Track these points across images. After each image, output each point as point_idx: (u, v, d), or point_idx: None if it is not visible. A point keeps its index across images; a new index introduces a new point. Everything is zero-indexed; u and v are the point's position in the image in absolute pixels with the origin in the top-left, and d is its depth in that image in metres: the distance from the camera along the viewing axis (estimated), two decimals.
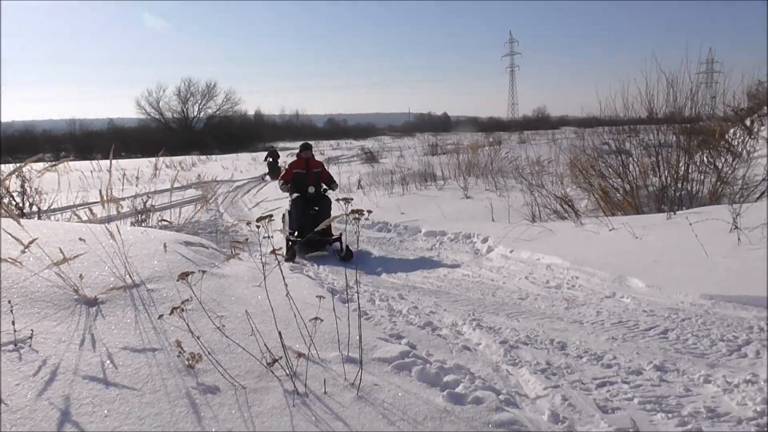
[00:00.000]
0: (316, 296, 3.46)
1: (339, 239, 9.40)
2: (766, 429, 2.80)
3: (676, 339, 4.21)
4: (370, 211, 3.09)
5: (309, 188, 9.92)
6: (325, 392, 2.87)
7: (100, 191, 5.70)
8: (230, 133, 68.60)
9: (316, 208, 9.80)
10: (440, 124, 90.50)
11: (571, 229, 8.99)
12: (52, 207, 9.32)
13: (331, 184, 10.16)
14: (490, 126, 66.17)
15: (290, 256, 8.86)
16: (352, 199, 3.32)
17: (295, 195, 9.95)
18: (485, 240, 9.13)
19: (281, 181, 10.29)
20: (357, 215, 3.07)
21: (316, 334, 3.60)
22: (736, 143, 11.66)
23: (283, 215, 10.47)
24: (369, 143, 51.63)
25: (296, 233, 9.49)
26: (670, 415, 2.94)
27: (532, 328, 4.58)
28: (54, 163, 5.78)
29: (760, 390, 3.13)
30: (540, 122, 78.26)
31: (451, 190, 16.12)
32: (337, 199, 3.52)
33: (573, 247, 7.59)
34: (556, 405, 3.05)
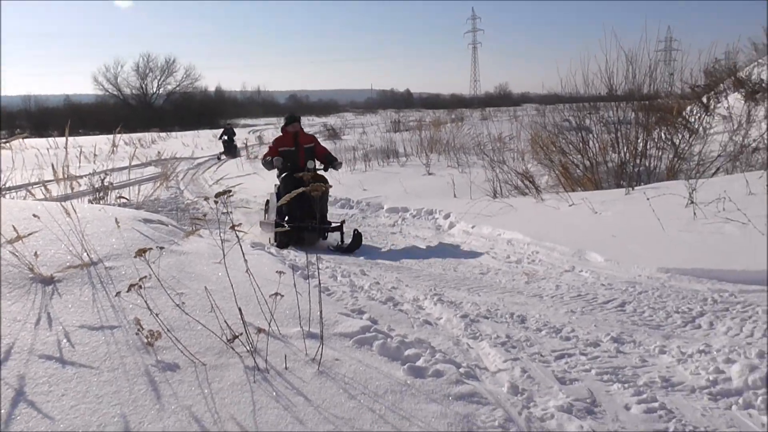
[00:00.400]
0: (276, 272, 3.44)
1: (340, 228, 8.11)
2: (718, 398, 2.87)
3: (633, 311, 4.29)
4: (330, 186, 3.08)
5: (308, 163, 8.35)
6: (286, 368, 2.86)
7: (53, 167, 5.57)
8: (191, 109, 67.57)
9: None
10: (403, 101, 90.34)
11: (532, 205, 9.08)
12: (6, 185, 9.11)
13: (333, 162, 8.65)
14: (453, 103, 66.30)
15: (282, 243, 7.66)
16: (309, 173, 3.30)
17: (284, 175, 8.40)
18: (447, 216, 9.18)
19: (265, 159, 8.66)
20: (320, 188, 3.06)
21: (277, 310, 3.57)
22: (692, 120, 11.85)
23: (267, 201, 9.40)
24: (331, 120, 51.30)
25: (286, 219, 8.06)
26: (626, 386, 3.00)
27: (492, 302, 4.62)
28: (8, 140, 5.64)
29: (712, 360, 3.21)
30: (502, 99, 78.46)
31: (413, 167, 16.14)
32: (296, 174, 3.49)
33: (533, 223, 7.66)
34: (516, 377, 3.09)
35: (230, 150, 26.46)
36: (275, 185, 8.94)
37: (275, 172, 8.72)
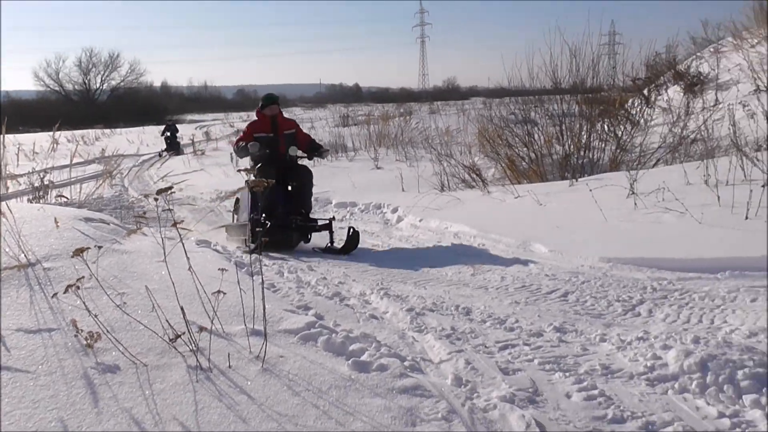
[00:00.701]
0: (218, 269, 3.41)
1: (329, 226, 7.22)
2: (655, 383, 2.94)
3: (576, 301, 4.38)
4: (271, 181, 3.05)
5: (290, 149, 7.40)
6: (229, 366, 2.84)
7: None
8: (136, 105, 66.35)
9: (294, 184, 7.46)
10: (352, 95, 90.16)
11: (479, 198, 9.18)
12: None
13: (319, 149, 7.77)
14: (402, 97, 66.40)
15: (259, 245, 6.66)
16: (250, 170, 3.27)
17: (261, 165, 7.34)
18: (395, 210, 9.22)
19: (238, 145, 7.57)
20: (258, 186, 3.04)
21: (222, 308, 3.54)
22: (634, 112, 12.13)
23: (237, 199, 8.44)
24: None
25: (263, 217, 6.95)
26: (567, 374, 3.06)
27: (438, 295, 4.66)
28: None
29: (650, 346, 3.29)
30: (450, 93, 78.83)
31: (361, 161, 16.17)
32: (238, 170, 3.44)
33: (480, 215, 7.75)
34: (460, 369, 3.12)
35: (173, 146, 26.03)
36: (246, 181, 7.84)
37: (248, 162, 7.62)
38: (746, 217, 5.43)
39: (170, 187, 3.04)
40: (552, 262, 5.55)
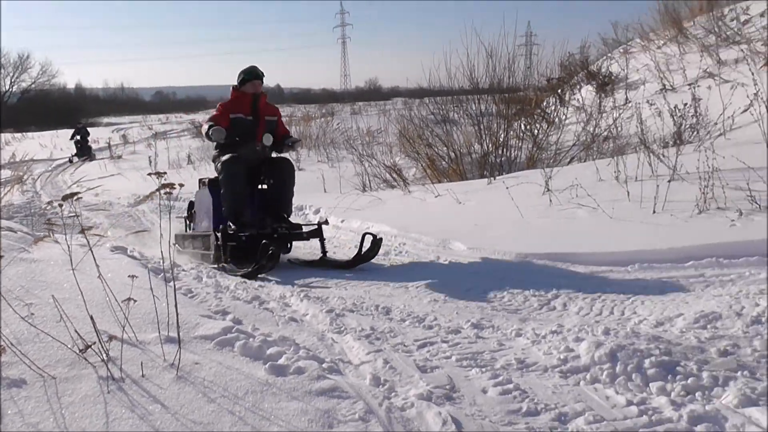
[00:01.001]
0: (129, 276, 3.31)
1: (319, 232, 6.20)
2: (568, 375, 3.02)
3: (494, 297, 4.45)
4: (181, 185, 3.00)
5: (265, 137, 6.18)
6: (142, 375, 2.77)
7: None
8: (48, 108, 63.87)
9: (270, 181, 6.29)
10: (273, 96, 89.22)
11: (400, 197, 9.25)
12: None
13: (296, 144, 6.59)
14: (324, 97, 66.20)
15: (228, 260, 5.73)
16: (165, 172, 3.20)
17: (227, 156, 5.99)
18: (317, 211, 9.18)
19: (209, 125, 5.96)
20: (167, 190, 2.98)
21: (136, 316, 3.46)
22: (550, 111, 12.45)
23: (191, 203, 7.12)
24: (200, 116, 50.00)
25: (234, 223, 5.94)
26: (483, 370, 3.10)
27: (359, 295, 4.66)
28: None
29: (563, 339, 3.37)
30: (372, 93, 79.09)
31: None
32: (149, 173, 3.33)
33: (401, 215, 7.81)
34: (378, 369, 3.13)
35: (84, 151, 25.17)
36: (201, 181, 6.70)
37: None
38: (654, 211, 5.64)
39: (76, 193, 2.94)
40: (470, 259, 5.62)
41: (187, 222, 7.15)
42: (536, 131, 11.24)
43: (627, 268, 4.80)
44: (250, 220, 5.97)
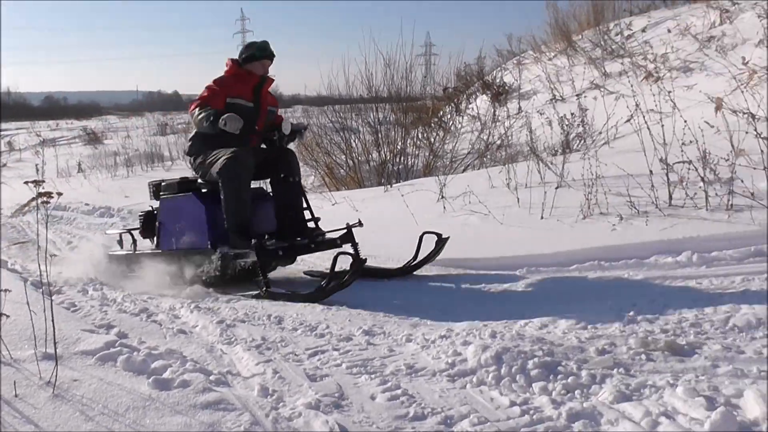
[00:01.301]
0: (3, 290, 3.15)
1: (350, 236, 5.27)
2: (456, 378, 3.07)
3: (386, 304, 4.47)
4: (60, 193, 2.88)
5: (283, 125, 5.31)
6: (15, 395, 2.64)
7: None
8: None
9: (282, 175, 5.26)
10: (171, 103, 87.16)
11: None
12: None
13: (305, 130, 5.83)
14: None
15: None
16: (43, 180, 3.06)
17: (228, 154, 4.83)
18: None
19: (201, 112, 4.85)
20: (44, 199, 2.85)
21: (11, 332, 3.32)
22: (446, 120, 12.68)
23: (147, 214, 5.80)
24: (93, 123, 48.25)
25: (241, 236, 4.87)
26: (373, 376, 3.11)
27: (251, 305, 4.60)
28: None
29: (452, 343, 3.43)
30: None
31: (179, 171, 15.60)
32: (25, 182, 3.16)
33: None
34: (267, 379, 3.09)
35: None
36: (151, 184, 5.75)
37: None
38: (542, 217, 5.82)
39: None
40: (365, 266, 5.63)
41: (133, 239, 5.88)
42: (433, 139, 11.41)
43: (516, 272, 4.93)
44: (260, 230, 5.01)
